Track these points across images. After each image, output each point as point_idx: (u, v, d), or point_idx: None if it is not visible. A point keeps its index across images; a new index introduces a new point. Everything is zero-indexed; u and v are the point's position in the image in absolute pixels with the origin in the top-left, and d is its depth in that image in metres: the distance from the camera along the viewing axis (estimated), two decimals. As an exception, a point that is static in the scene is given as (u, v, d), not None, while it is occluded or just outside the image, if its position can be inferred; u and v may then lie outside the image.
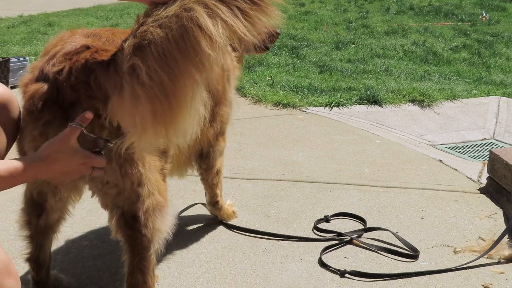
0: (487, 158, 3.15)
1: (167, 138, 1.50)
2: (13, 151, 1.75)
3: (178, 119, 1.44)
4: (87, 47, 1.61)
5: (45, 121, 1.58)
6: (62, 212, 1.91)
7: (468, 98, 5.17)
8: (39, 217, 1.85)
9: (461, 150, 4.16)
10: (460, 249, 2.47)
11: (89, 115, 1.50)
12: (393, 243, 2.53)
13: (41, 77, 1.62)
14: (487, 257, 2.40)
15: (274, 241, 2.55)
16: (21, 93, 1.68)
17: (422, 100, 4.98)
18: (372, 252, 2.47)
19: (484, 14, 9.86)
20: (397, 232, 2.60)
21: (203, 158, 2.45)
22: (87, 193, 1.86)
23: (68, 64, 1.57)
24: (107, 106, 1.48)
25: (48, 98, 1.57)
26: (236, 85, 2.57)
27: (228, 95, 2.42)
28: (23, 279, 2.12)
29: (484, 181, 3.19)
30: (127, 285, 1.79)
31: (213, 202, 2.61)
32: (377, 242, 2.54)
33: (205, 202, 2.78)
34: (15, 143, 1.74)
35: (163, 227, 1.79)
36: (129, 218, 1.73)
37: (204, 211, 2.80)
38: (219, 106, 2.35)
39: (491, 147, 4.11)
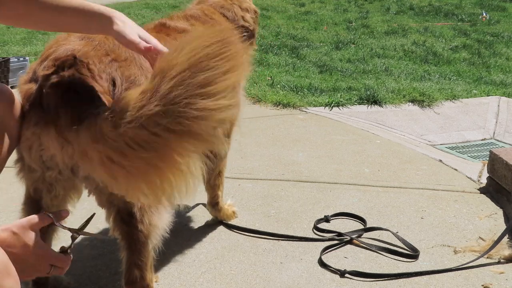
0: (487, 158, 3.15)
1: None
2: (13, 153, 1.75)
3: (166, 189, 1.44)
4: (74, 57, 1.64)
5: (35, 122, 1.62)
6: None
7: (468, 98, 5.17)
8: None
9: (461, 150, 4.16)
10: (460, 249, 2.47)
11: (66, 213, 1.50)
12: (393, 243, 2.53)
13: (33, 78, 1.67)
14: (487, 257, 2.40)
15: (274, 241, 2.55)
16: (18, 93, 1.71)
17: (422, 100, 4.98)
18: (372, 252, 2.47)
19: (484, 14, 9.87)
20: (397, 232, 2.60)
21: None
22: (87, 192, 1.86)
23: (52, 76, 1.61)
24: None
25: (35, 100, 1.62)
26: (245, 83, 2.58)
27: (238, 96, 2.43)
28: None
29: (484, 181, 3.19)
30: (125, 281, 1.80)
31: (213, 203, 2.61)
32: (377, 242, 2.54)
33: (204, 202, 2.78)
34: None
35: (159, 223, 1.80)
36: (125, 215, 1.75)
37: (204, 211, 2.80)
38: None
39: (491, 147, 4.11)
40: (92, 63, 1.63)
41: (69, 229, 1.51)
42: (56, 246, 2.24)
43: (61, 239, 2.44)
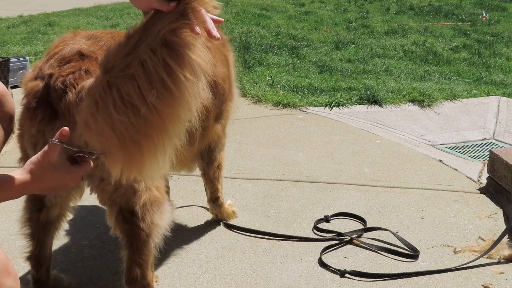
0: (487, 158, 3.15)
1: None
2: (16, 149, 1.75)
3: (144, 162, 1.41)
4: (82, 55, 1.65)
5: (40, 119, 1.62)
6: (63, 208, 1.92)
7: (468, 98, 5.17)
8: (40, 212, 1.87)
9: (461, 150, 4.16)
10: (460, 249, 2.47)
11: (65, 131, 1.49)
12: (393, 243, 2.53)
13: (38, 76, 1.67)
14: (487, 257, 2.40)
15: (274, 241, 2.55)
16: (22, 90, 1.71)
17: (422, 100, 4.98)
18: (372, 252, 2.47)
19: (484, 14, 9.87)
20: (397, 232, 2.60)
21: (207, 152, 2.47)
22: (87, 192, 1.87)
23: (56, 73, 1.61)
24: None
25: (41, 97, 1.62)
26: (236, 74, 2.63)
27: (233, 90, 2.49)
28: (23, 279, 2.12)
29: (484, 181, 3.19)
30: (126, 279, 1.80)
31: (214, 198, 2.61)
32: (377, 242, 2.54)
33: (204, 204, 2.78)
34: (16, 140, 1.76)
35: (161, 222, 1.80)
36: (127, 213, 1.75)
37: (204, 211, 2.80)
38: (226, 103, 2.41)
39: (491, 147, 4.11)
40: (86, 73, 1.62)
41: (81, 150, 1.54)
42: (54, 244, 2.24)
43: (62, 239, 2.45)
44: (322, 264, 2.34)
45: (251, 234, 2.58)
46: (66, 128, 1.49)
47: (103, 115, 1.33)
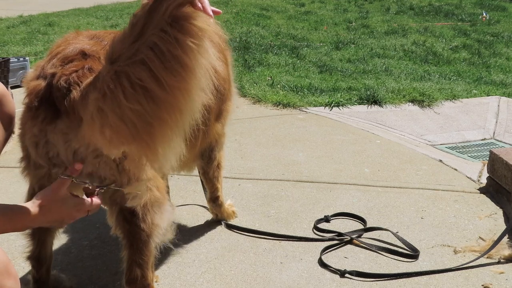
0: (487, 158, 3.15)
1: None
2: (17, 149, 1.75)
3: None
4: (84, 54, 1.65)
5: (42, 118, 1.61)
6: None
7: (468, 98, 5.18)
8: None
9: (461, 150, 4.16)
10: (460, 249, 2.47)
11: (78, 166, 1.54)
12: (393, 243, 2.53)
13: (41, 75, 1.66)
14: (487, 257, 2.40)
15: (274, 241, 2.55)
16: (24, 89, 1.71)
17: (422, 100, 4.98)
18: (372, 252, 2.47)
19: (484, 14, 9.87)
20: (397, 232, 2.60)
21: (207, 151, 2.48)
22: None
23: (59, 72, 1.61)
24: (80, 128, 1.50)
25: (44, 96, 1.61)
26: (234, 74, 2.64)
27: (232, 89, 2.51)
28: (24, 279, 2.12)
29: (484, 181, 3.19)
30: (126, 280, 1.80)
31: (214, 198, 2.61)
32: (377, 242, 2.54)
33: (204, 204, 2.78)
34: (18, 139, 1.76)
35: (161, 223, 1.80)
36: (127, 213, 1.75)
37: (204, 211, 2.80)
38: (225, 102, 2.42)
39: (491, 147, 4.11)
40: (90, 71, 1.62)
41: (90, 185, 1.63)
42: (54, 244, 2.24)
43: (62, 239, 2.45)
44: (322, 264, 2.34)
45: (251, 234, 2.59)
46: (79, 164, 1.54)
47: (112, 106, 1.32)
